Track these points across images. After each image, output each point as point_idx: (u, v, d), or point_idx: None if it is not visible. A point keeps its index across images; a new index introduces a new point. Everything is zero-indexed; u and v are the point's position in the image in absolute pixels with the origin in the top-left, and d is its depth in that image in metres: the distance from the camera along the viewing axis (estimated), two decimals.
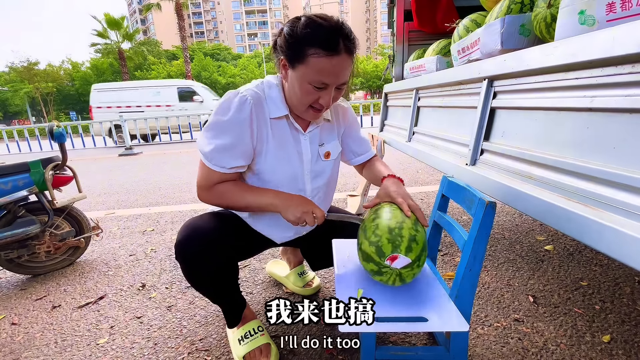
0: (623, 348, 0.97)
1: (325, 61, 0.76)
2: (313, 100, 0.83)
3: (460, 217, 2.12)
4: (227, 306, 1.00)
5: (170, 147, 7.89)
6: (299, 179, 0.97)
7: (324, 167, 1.01)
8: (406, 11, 2.28)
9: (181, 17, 20.58)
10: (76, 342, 1.14)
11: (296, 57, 0.78)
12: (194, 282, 0.94)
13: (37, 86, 34.40)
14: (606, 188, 0.60)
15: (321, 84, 0.80)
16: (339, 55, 0.77)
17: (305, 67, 0.78)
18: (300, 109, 0.88)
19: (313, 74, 0.78)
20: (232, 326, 1.02)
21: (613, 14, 0.63)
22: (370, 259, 0.75)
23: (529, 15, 1.01)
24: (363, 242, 0.79)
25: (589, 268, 1.42)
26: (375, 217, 0.81)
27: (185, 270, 0.91)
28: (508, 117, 0.95)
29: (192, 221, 0.91)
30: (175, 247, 0.88)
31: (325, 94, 0.82)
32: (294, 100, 0.86)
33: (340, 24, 0.79)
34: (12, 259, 1.58)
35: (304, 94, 0.82)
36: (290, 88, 0.86)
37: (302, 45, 0.77)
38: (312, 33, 0.76)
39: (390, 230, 0.75)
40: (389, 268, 0.74)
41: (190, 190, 3.37)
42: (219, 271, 0.91)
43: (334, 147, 1.03)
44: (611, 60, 0.58)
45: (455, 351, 0.81)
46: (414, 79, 1.80)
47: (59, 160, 1.63)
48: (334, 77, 0.79)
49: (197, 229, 0.88)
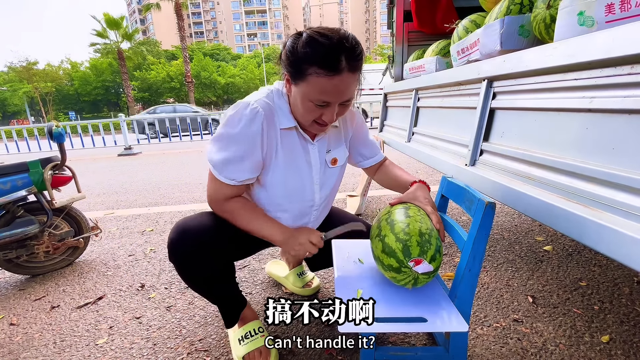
0: (622, 348, 0.98)
1: (325, 81, 0.74)
2: (316, 117, 0.83)
3: (460, 217, 2.12)
4: (224, 306, 1.00)
5: (170, 147, 7.88)
6: (308, 190, 0.96)
7: (332, 175, 1.01)
8: (406, 12, 2.29)
9: (180, 17, 20.57)
10: (75, 342, 1.14)
11: (297, 75, 0.77)
12: (188, 282, 0.94)
13: (36, 86, 34.35)
14: (605, 189, 0.60)
15: (322, 102, 0.78)
16: (341, 75, 0.74)
17: (306, 85, 0.76)
18: (305, 124, 0.87)
19: (314, 92, 0.76)
20: (229, 326, 1.02)
21: (612, 15, 0.63)
22: (394, 254, 0.74)
23: (528, 16, 1.02)
24: (388, 235, 0.77)
25: (588, 268, 1.42)
26: (406, 216, 0.79)
27: (179, 270, 0.91)
28: (507, 117, 0.95)
29: (183, 221, 0.90)
30: (167, 247, 0.88)
31: (328, 111, 0.81)
32: (298, 115, 0.86)
33: (342, 39, 0.73)
34: (10, 259, 1.58)
35: (306, 111, 0.81)
36: (293, 102, 0.85)
37: (302, 64, 0.75)
38: (312, 52, 0.73)
39: (422, 234, 0.74)
40: (409, 270, 0.73)
41: (190, 190, 3.37)
42: (213, 271, 0.91)
43: (340, 153, 1.02)
44: (610, 61, 0.58)
45: (454, 351, 0.81)
46: (413, 80, 1.81)
47: (58, 160, 1.63)
48: (335, 96, 0.78)
49: (188, 229, 0.87)
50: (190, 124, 8.85)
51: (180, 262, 0.88)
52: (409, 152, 1.74)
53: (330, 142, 0.99)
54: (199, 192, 3.27)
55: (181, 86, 36.09)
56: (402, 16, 2.32)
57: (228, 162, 0.84)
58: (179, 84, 36.50)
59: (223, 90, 39.65)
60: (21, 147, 8.17)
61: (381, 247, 0.78)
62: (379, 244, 0.79)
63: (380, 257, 0.78)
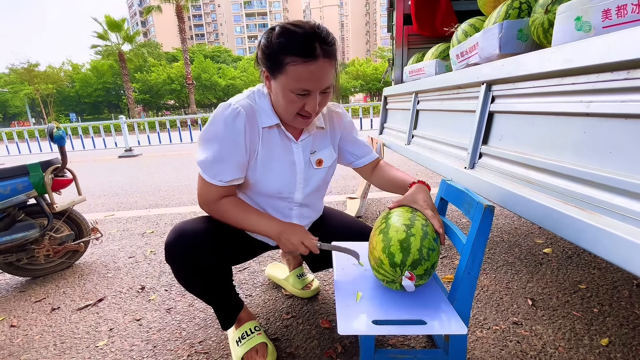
0: (621, 351, 0.98)
1: (303, 68, 0.75)
2: (299, 108, 0.83)
3: (459, 220, 2.12)
4: (219, 307, 1.00)
5: (170, 149, 7.90)
6: (291, 188, 0.97)
7: (315, 175, 1.00)
8: (406, 15, 2.30)
9: (181, 19, 20.67)
10: (75, 344, 1.14)
11: (275, 67, 0.78)
12: (184, 284, 0.94)
13: (37, 88, 34.45)
14: (602, 192, 0.60)
15: (303, 91, 0.79)
16: (317, 61, 0.75)
17: (285, 77, 0.78)
18: (288, 118, 0.87)
19: (293, 82, 0.77)
20: (225, 328, 1.02)
21: (609, 20, 0.64)
22: (394, 263, 0.73)
23: (526, 21, 1.03)
24: (393, 238, 0.74)
25: (588, 271, 1.42)
26: (410, 225, 0.76)
27: (175, 272, 0.92)
28: (506, 121, 0.95)
29: (181, 224, 0.91)
30: (164, 249, 0.89)
31: (310, 100, 0.81)
32: (280, 109, 0.87)
33: (315, 28, 0.77)
34: (11, 262, 1.58)
35: (288, 103, 0.82)
36: (275, 98, 0.86)
37: (279, 55, 0.76)
38: (287, 41, 0.75)
39: (420, 250, 0.72)
40: (399, 279, 0.73)
41: (190, 192, 3.37)
42: (208, 274, 0.92)
43: (327, 155, 1.02)
44: (607, 66, 0.58)
45: (454, 354, 0.82)
46: (413, 83, 1.82)
47: (58, 163, 1.63)
48: (315, 83, 0.78)
49: (185, 232, 0.88)
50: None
51: (176, 263, 0.89)
52: (409, 154, 1.74)
53: (315, 143, 0.99)
54: None
55: (182, 88, 36.20)
56: (402, 19, 2.33)
57: (213, 161, 0.86)
58: (179, 86, 36.61)
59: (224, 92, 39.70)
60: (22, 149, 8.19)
61: (382, 248, 0.75)
62: (380, 245, 0.76)
63: (380, 258, 0.75)
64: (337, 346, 1.05)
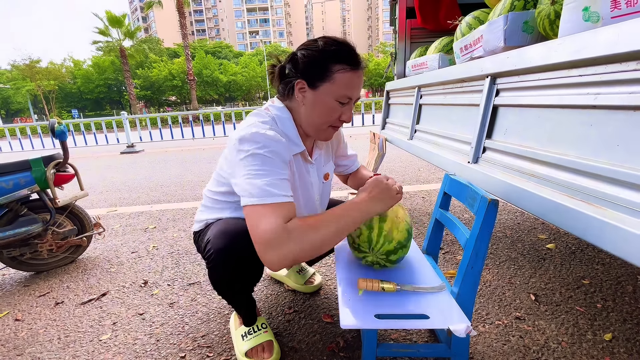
0: (625, 346, 0.97)
1: (351, 75, 0.80)
2: (335, 118, 0.84)
3: (462, 215, 2.11)
4: (247, 307, 1.00)
5: (172, 145, 7.90)
6: (310, 209, 0.99)
7: (326, 189, 1.05)
8: (408, 8, 2.27)
9: (182, 15, 20.54)
10: (79, 338, 1.15)
11: (320, 75, 0.80)
12: (221, 287, 0.90)
13: (39, 84, 34.46)
14: (609, 186, 0.59)
15: (346, 99, 0.82)
16: (361, 70, 0.83)
17: (331, 84, 0.80)
18: (320, 128, 0.86)
19: (341, 88, 0.80)
20: (249, 325, 1.02)
21: (617, 10, 0.62)
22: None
23: (532, 12, 1.01)
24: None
25: (591, 266, 1.42)
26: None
27: (216, 276, 0.86)
28: (511, 114, 0.94)
29: (231, 227, 0.85)
30: (215, 253, 0.82)
31: (347, 109, 0.85)
32: (315, 121, 0.85)
33: (349, 43, 0.83)
34: (14, 257, 1.59)
35: (329, 112, 0.83)
36: (309, 110, 0.84)
37: (327, 63, 0.79)
38: (337, 50, 0.80)
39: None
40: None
41: (192, 188, 3.38)
42: (251, 278, 0.90)
43: (330, 168, 1.06)
44: (615, 57, 0.57)
45: (456, 349, 0.81)
46: (416, 77, 1.80)
47: (60, 157, 1.63)
48: (357, 91, 0.84)
49: (239, 235, 0.83)
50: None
51: (226, 269, 0.84)
52: (412, 149, 1.73)
53: (322, 159, 1.02)
54: (201, 190, 3.27)
55: (183, 84, 36.13)
56: (405, 13, 2.30)
57: (272, 183, 0.74)
58: (180, 82, 36.55)
59: (225, 88, 39.68)
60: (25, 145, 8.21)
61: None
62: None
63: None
64: (340, 340, 1.05)
